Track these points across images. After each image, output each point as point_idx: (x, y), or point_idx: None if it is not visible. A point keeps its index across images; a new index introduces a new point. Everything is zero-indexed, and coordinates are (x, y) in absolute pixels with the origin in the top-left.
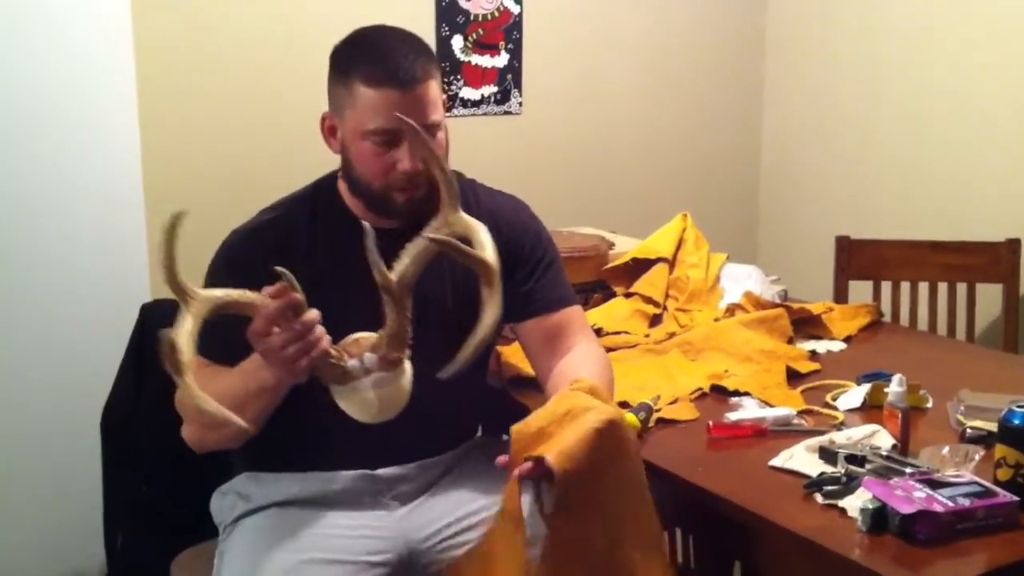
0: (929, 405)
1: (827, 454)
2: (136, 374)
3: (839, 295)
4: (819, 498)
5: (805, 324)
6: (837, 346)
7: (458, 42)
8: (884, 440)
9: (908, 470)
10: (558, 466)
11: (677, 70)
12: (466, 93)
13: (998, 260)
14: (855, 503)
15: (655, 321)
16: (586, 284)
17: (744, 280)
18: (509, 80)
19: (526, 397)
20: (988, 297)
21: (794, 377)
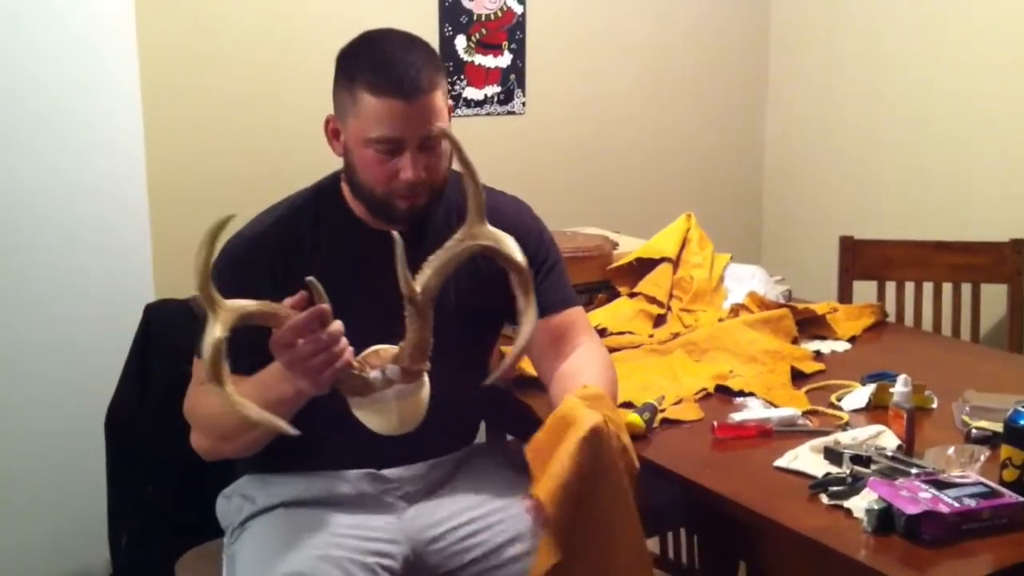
0: (934, 405)
1: (832, 455)
2: (140, 374)
3: (843, 295)
4: (824, 499)
5: (809, 324)
6: (842, 346)
7: (461, 42)
8: (889, 440)
9: (913, 471)
10: (550, 507)
11: (681, 70)
12: (469, 93)
13: (1003, 260)
14: (860, 504)
15: (659, 321)
16: (590, 284)
17: (748, 280)
18: (512, 80)
19: (529, 397)
20: (993, 297)
21: (799, 377)
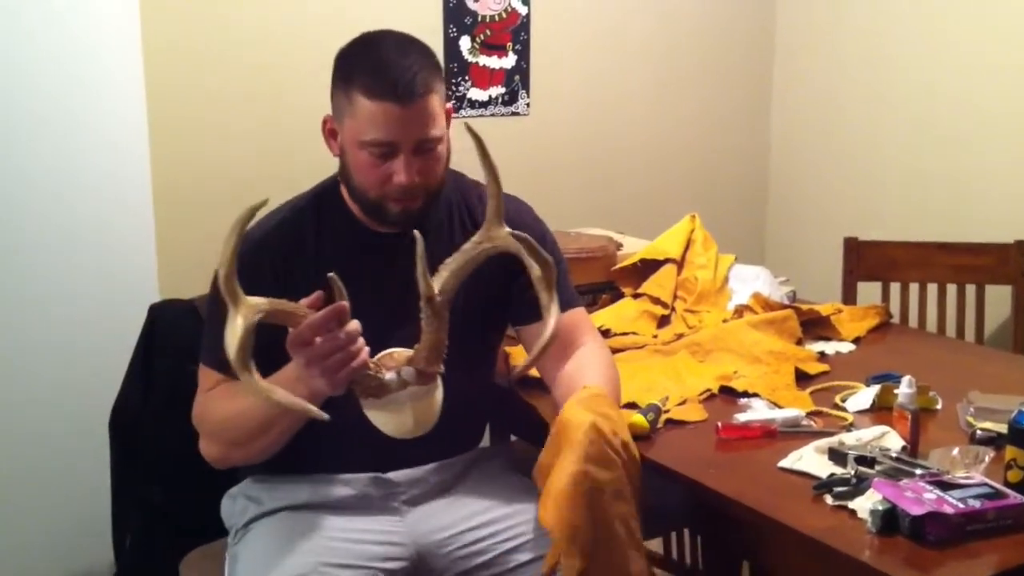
0: (939, 407)
1: (837, 455)
2: (145, 374)
3: (847, 296)
4: (829, 499)
5: (814, 325)
6: (846, 347)
7: (466, 43)
8: (894, 441)
9: (918, 471)
10: (556, 532)
11: (685, 71)
12: (474, 94)
13: (1007, 261)
14: (865, 504)
15: (663, 322)
16: (594, 285)
17: (752, 281)
18: (517, 81)
19: (533, 398)
20: (997, 298)
21: (803, 378)
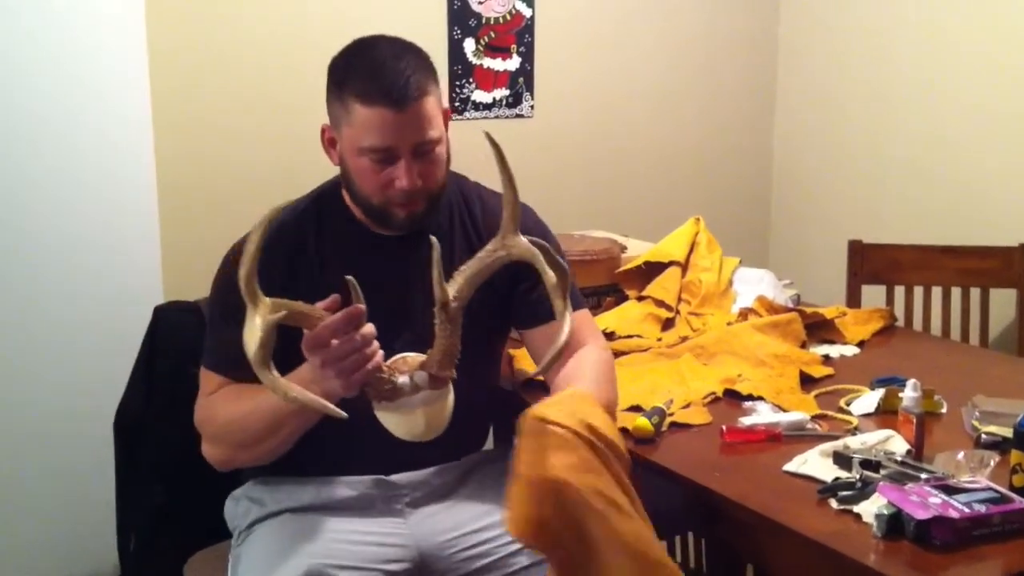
0: (943, 410)
1: (841, 459)
2: (149, 376)
3: (852, 299)
4: (833, 503)
5: (818, 328)
6: (850, 351)
7: (470, 45)
8: (899, 445)
9: (923, 475)
10: (517, 534)
11: (689, 74)
12: (478, 96)
13: (1011, 264)
14: (870, 508)
15: (667, 325)
16: (598, 287)
17: (757, 284)
18: (521, 83)
19: (536, 400)
20: (1002, 301)
21: (807, 382)
